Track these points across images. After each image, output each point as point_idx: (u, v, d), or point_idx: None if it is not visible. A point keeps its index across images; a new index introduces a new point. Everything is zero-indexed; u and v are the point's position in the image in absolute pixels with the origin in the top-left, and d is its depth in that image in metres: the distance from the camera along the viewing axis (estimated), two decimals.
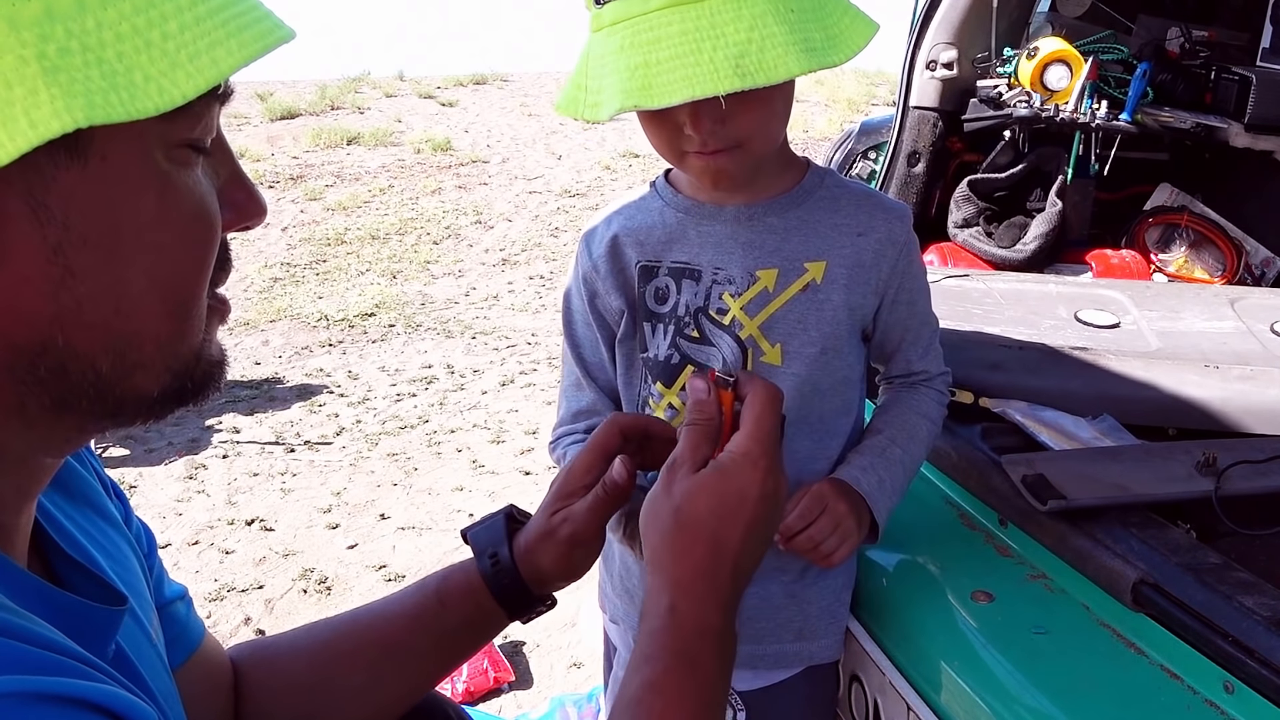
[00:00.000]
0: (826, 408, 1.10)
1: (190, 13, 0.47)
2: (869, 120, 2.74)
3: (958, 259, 2.24)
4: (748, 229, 1.06)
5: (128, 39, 0.45)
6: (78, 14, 0.44)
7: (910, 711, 1.14)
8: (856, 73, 11.42)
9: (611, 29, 0.88)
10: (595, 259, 1.12)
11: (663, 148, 0.99)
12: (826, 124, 9.20)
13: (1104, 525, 1.13)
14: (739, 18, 0.83)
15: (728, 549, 0.70)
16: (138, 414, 0.55)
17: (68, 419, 0.52)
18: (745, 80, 0.81)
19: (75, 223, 0.47)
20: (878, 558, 1.26)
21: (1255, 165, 2.19)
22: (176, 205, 0.51)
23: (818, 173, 1.10)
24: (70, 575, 0.60)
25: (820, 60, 0.85)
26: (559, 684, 2.20)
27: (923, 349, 1.16)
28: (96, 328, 0.49)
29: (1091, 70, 2.12)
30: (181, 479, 3.20)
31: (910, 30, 2.23)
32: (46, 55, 0.43)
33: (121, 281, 0.49)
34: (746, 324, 1.06)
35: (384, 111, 9.41)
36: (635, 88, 0.84)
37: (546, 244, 6.05)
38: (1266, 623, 0.92)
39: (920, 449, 1.14)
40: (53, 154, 0.45)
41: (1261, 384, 1.46)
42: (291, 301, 4.99)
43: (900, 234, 1.08)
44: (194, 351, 0.55)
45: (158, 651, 0.68)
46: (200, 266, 0.54)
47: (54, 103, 0.42)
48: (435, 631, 0.87)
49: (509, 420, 3.62)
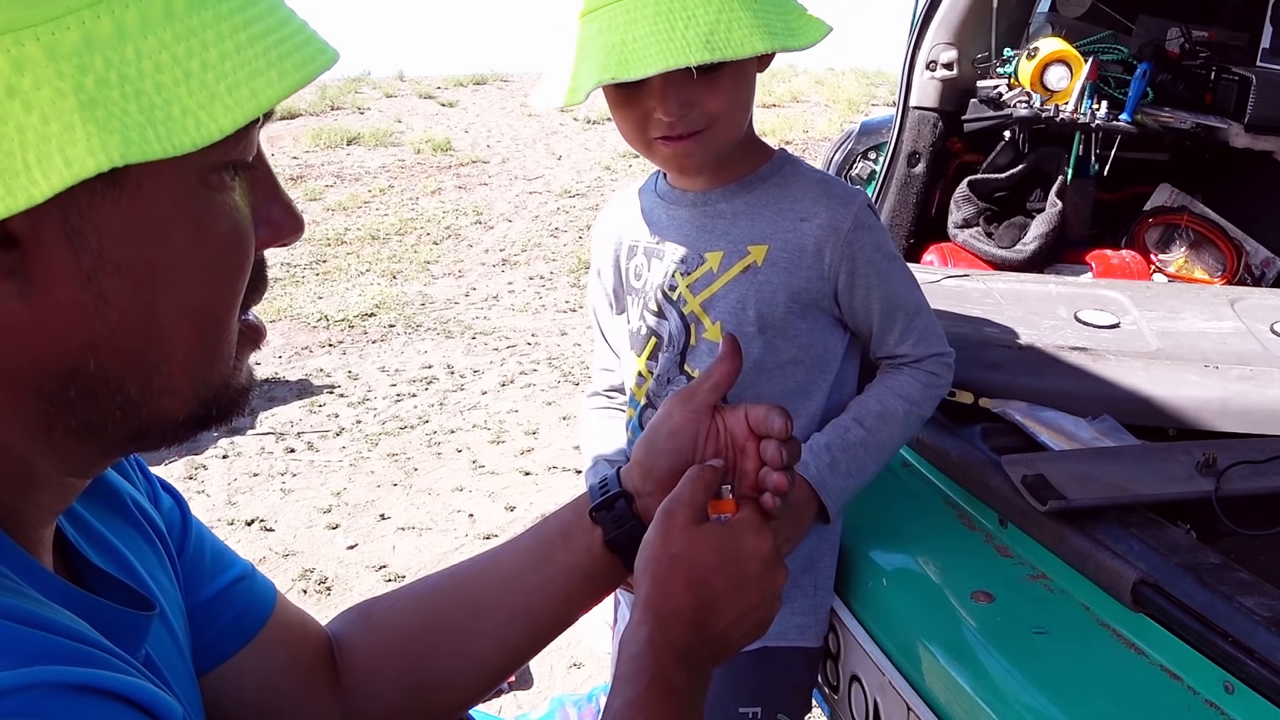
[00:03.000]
0: (774, 388, 1.13)
1: (231, 40, 0.46)
2: (869, 120, 2.74)
3: (958, 259, 2.24)
4: (702, 213, 1.14)
5: (167, 69, 0.44)
6: (117, 43, 0.43)
7: (910, 712, 1.14)
8: (856, 73, 11.42)
9: (593, 15, 0.95)
10: (600, 240, 1.27)
11: (631, 135, 1.06)
12: (827, 124, 9.20)
13: (1104, 525, 1.13)
14: (709, 2, 0.92)
15: (717, 600, 0.71)
16: (163, 438, 0.54)
17: (93, 441, 0.52)
18: (714, 53, 0.90)
19: (109, 250, 0.46)
20: (878, 558, 1.26)
21: (1255, 165, 2.20)
22: (211, 231, 0.51)
23: (778, 161, 1.15)
24: (98, 584, 0.60)
25: (782, 42, 0.94)
26: (559, 684, 2.20)
27: (899, 333, 1.16)
28: (127, 353, 0.49)
29: (1091, 70, 2.12)
30: (181, 479, 3.20)
31: (910, 30, 2.23)
32: (84, 88, 0.42)
33: (153, 308, 0.49)
34: (690, 301, 1.13)
35: (384, 111, 9.41)
36: (613, 62, 0.93)
37: (546, 244, 6.05)
38: (1266, 623, 0.92)
39: (894, 429, 1.15)
40: (89, 182, 0.44)
41: (1261, 384, 1.46)
42: (291, 301, 4.99)
43: (843, 220, 1.09)
44: (223, 379, 0.55)
45: (184, 658, 0.68)
46: (232, 292, 0.54)
47: (90, 140, 0.41)
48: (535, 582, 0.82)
49: (509, 420, 3.62)
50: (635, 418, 1.22)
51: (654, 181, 1.21)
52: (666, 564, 0.71)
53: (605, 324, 1.31)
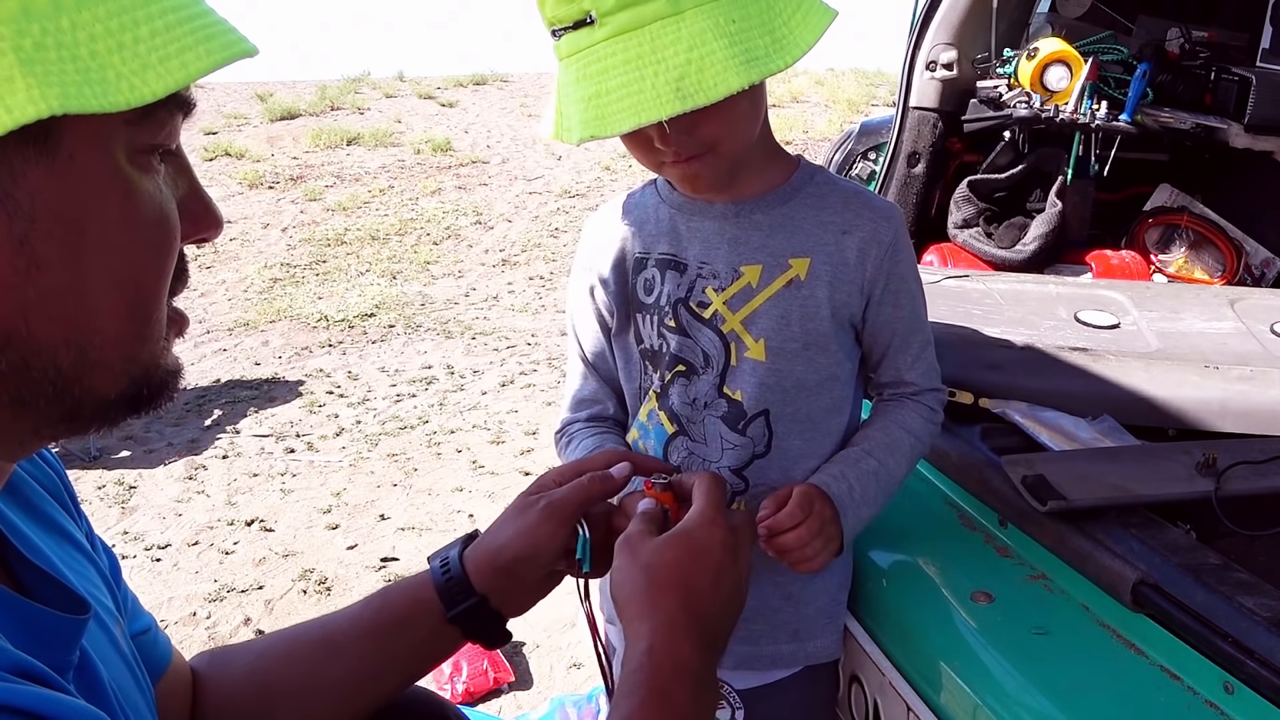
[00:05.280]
0: (815, 405, 1.10)
1: (161, 20, 0.49)
2: (869, 121, 2.74)
3: (957, 259, 2.24)
4: (734, 225, 1.07)
5: (101, 39, 0.47)
6: (53, 14, 0.46)
7: (910, 712, 1.14)
8: (856, 73, 11.43)
9: (569, 60, 0.91)
10: (594, 252, 1.15)
11: (642, 159, 1.03)
12: (826, 125, 9.20)
13: (1104, 526, 1.13)
14: (678, 40, 0.85)
15: (700, 593, 0.76)
16: (93, 419, 0.56)
17: (25, 418, 0.53)
18: (685, 103, 0.84)
19: (41, 216, 0.48)
20: (878, 558, 1.26)
21: (1255, 166, 2.20)
22: (139, 208, 0.53)
23: (807, 170, 1.10)
24: (33, 582, 0.60)
25: (761, 69, 0.86)
26: (559, 684, 2.20)
27: (912, 357, 1.14)
28: (59, 321, 0.51)
29: (1091, 71, 2.12)
30: (181, 479, 3.20)
31: (910, 30, 2.23)
32: (23, 48, 0.44)
33: (84, 277, 0.51)
34: (729, 318, 1.07)
35: (384, 112, 9.41)
36: (591, 118, 0.88)
37: (546, 244, 6.05)
38: (1266, 623, 0.92)
39: (901, 463, 1.12)
40: (22, 149, 0.46)
41: (1261, 384, 1.46)
42: (291, 302, 4.99)
43: (885, 233, 1.07)
44: (153, 358, 0.56)
45: (128, 663, 0.69)
46: (160, 270, 0.55)
47: (30, 90, 0.43)
48: (372, 638, 0.88)
49: (509, 421, 3.62)
50: (659, 449, 1.13)
51: (662, 190, 1.13)
52: (642, 578, 0.76)
53: (588, 342, 1.19)
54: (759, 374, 1.07)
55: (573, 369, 1.23)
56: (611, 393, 1.20)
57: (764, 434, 1.09)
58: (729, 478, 1.10)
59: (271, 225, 6.32)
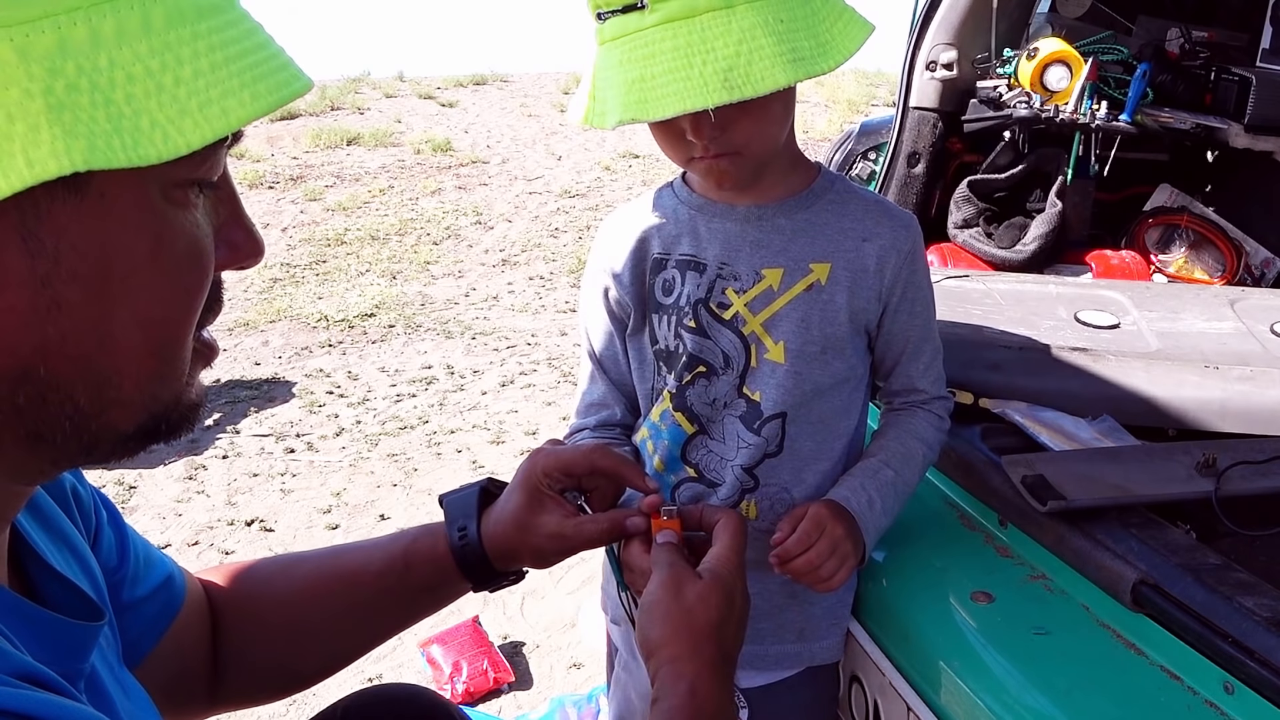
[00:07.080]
0: (827, 407, 1.11)
1: (207, 58, 0.46)
2: (869, 121, 2.74)
3: (958, 260, 2.24)
4: (756, 228, 1.08)
5: (139, 81, 0.44)
6: (91, 50, 0.43)
7: (910, 712, 1.14)
8: (856, 73, 11.42)
9: (612, 44, 0.92)
10: (611, 253, 1.15)
11: (670, 152, 1.03)
12: (826, 125, 9.20)
13: (1104, 526, 1.13)
14: (728, 31, 0.86)
15: (731, 638, 0.83)
16: (112, 451, 0.54)
17: (42, 451, 0.52)
18: (733, 93, 0.85)
19: (66, 257, 0.46)
20: (878, 558, 1.26)
21: (1255, 166, 2.20)
22: (170, 247, 0.50)
23: (828, 177, 1.12)
24: (51, 589, 0.60)
25: (808, 69, 0.88)
26: (559, 684, 2.20)
27: (924, 365, 1.16)
28: (78, 361, 0.49)
29: (1091, 71, 2.12)
30: (181, 479, 3.20)
31: (910, 31, 2.23)
32: (54, 91, 0.42)
33: (107, 318, 0.49)
34: (750, 320, 1.08)
35: (384, 112, 9.40)
36: (633, 101, 0.89)
37: (546, 245, 6.05)
38: (1266, 623, 0.92)
39: (914, 473, 1.14)
40: (50, 187, 0.44)
41: (1261, 384, 1.46)
42: (291, 302, 4.99)
43: (904, 242, 1.09)
44: (174, 395, 0.55)
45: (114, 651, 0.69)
46: (188, 310, 0.54)
47: (54, 143, 0.41)
48: (398, 590, 0.93)
49: (509, 421, 3.62)
50: (673, 449, 1.13)
51: (680, 192, 1.14)
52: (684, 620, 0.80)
53: (600, 344, 1.19)
54: (778, 376, 1.08)
55: (583, 373, 1.24)
56: (621, 396, 1.20)
57: (778, 434, 1.10)
58: (740, 475, 1.11)
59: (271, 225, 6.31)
